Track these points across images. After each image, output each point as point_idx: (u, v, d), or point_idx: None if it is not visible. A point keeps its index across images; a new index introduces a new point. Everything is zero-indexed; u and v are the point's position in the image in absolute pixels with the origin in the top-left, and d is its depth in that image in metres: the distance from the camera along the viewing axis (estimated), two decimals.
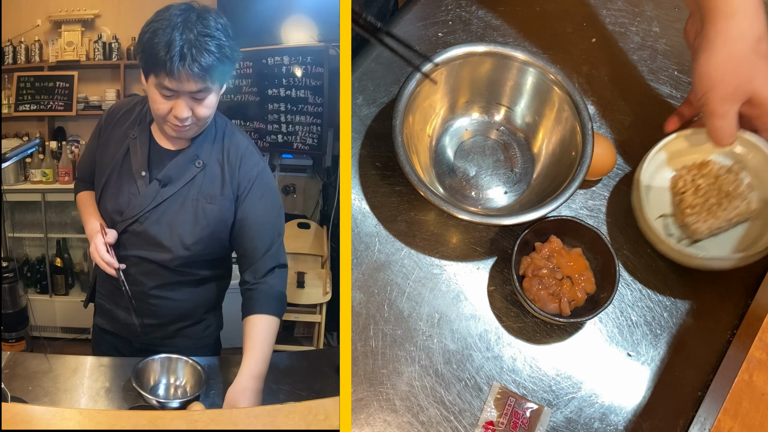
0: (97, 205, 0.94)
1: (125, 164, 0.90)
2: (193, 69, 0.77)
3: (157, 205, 0.88)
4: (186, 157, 0.89)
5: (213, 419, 0.80)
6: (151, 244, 0.90)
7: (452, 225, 0.97)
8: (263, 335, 0.88)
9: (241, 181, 0.89)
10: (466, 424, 0.86)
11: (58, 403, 0.85)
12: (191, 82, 0.78)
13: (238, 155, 0.90)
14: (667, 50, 1.08)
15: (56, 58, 1.75)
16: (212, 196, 0.88)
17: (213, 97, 0.83)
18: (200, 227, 0.89)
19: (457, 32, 1.08)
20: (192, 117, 0.82)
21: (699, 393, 0.87)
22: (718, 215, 0.88)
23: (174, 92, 0.80)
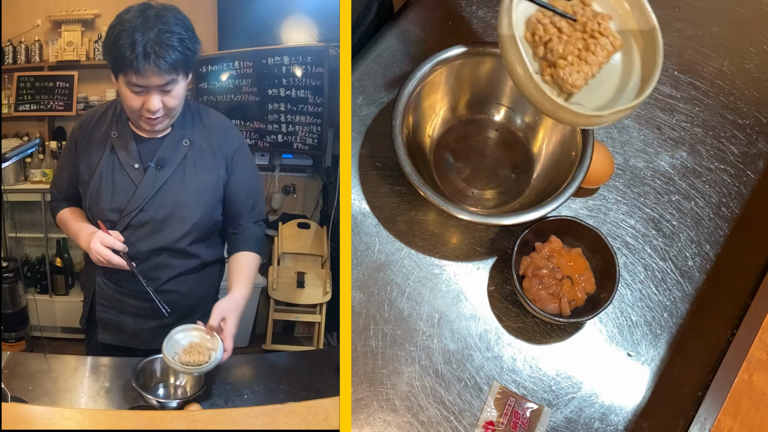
0: (89, 212, 0.94)
1: (113, 162, 0.92)
2: (159, 65, 0.82)
3: (159, 189, 0.91)
4: (173, 139, 0.93)
5: (213, 419, 0.80)
6: (160, 228, 0.92)
7: (452, 225, 0.97)
8: (248, 268, 0.96)
9: (227, 151, 0.95)
10: (466, 424, 0.86)
11: (58, 403, 0.85)
12: (158, 77, 0.83)
13: (219, 128, 0.96)
14: (667, 50, 1.07)
15: (56, 58, 1.75)
16: (207, 167, 0.94)
17: (180, 87, 0.88)
18: (204, 200, 0.94)
19: (457, 32, 1.08)
20: (163, 108, 0.87)
21: (699, 393, 0.87)
22: (590, 60, 0.76)
23: (143, 88, 0.84)
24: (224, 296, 0.93)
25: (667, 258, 0.95)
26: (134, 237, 0.92)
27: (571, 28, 0.76)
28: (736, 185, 0.99)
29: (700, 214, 0.98)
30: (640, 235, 0.96)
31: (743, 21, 1.10)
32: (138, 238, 0.92)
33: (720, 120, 1.03)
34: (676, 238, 0.96)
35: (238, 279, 0.95)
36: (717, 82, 1.06)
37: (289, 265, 1.47)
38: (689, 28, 1.09)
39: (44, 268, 1.69)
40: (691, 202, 0.98)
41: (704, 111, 1.04)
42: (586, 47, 0.76)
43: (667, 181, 0.99)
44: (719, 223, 0.97)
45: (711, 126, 1.03)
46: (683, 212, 0.98)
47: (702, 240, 0.96)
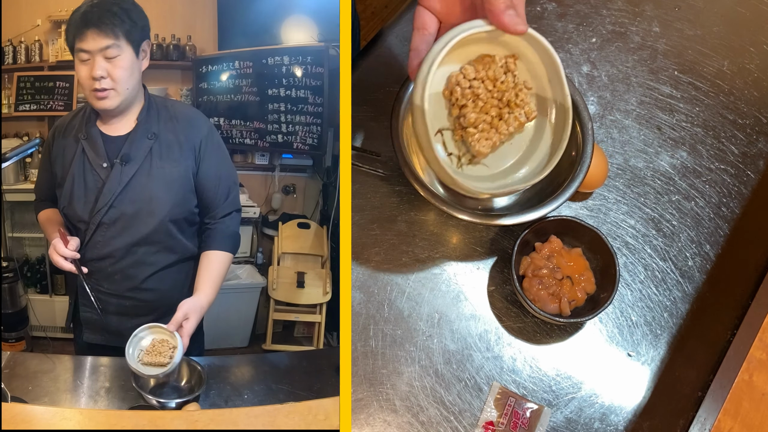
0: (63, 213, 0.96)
1: (84, 164, 0.94)
2: (99, 26, 0.87)
3: (126, 184, 0.93)
4: (137, 134, 0.94)
5: (213, 419, 0.80)
6: (132, 223, 0.94)
7: (452, 225, 0.96)
8: (217, 270, 0.97)
9: (195, 141, 0.96)
10: (466, 424, 0.86)
11: (58, 403, 0.85)
12: (99, 39, 0.88)
13: (185, 118, 0.98)
14: (667, 50, 1.08)
15: (56, 58, 1.75)
16: (174, 159, 0.95)
17: (126, 57, 0.90)
18: (173, 192, 0.95)
19: None
20: (109, 79, 0.90)
21: (699, 393, 0.87)
22: (501, 129, 0.77)
23: (87, 53, 0.89)
24: None
25: (667, 258, 0.95)
26: (108, 234, 0.94)
27: (489, 94, 0.76)
28: (736, 185, 0.99)
29: (700, 214, 0.98)
30: (640, 235, 0.96)
31: (743, 21, 1.10)
32: (111, 236, 0.94)
33: (720, 120, 1.03)
34: (676, 238, 0.96)
35: (205, 282, 0.95)
36: (717, 82, 1.06)
37: (289, 265, 1.47)
38: (689, 28, 1.09)
39: (44, 268, 1.69)
40: (691, 202, 0.98)
41: (704, 111, 1.04)
42: (500, 116, 0.77)
43: (667, 181, 0.99)
44: (719, 223, 0.97)
45: (711, 126, 1.03)
46: (683, 212, 0.98)
47: (702, 240, 0.96)
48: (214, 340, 1.17)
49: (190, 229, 0.99)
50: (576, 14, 1.10)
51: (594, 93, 1.05)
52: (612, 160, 1.00)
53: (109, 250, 0.94)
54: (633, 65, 1.07)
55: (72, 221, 0.95)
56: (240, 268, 1.51)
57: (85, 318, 0.98)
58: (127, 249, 0.94)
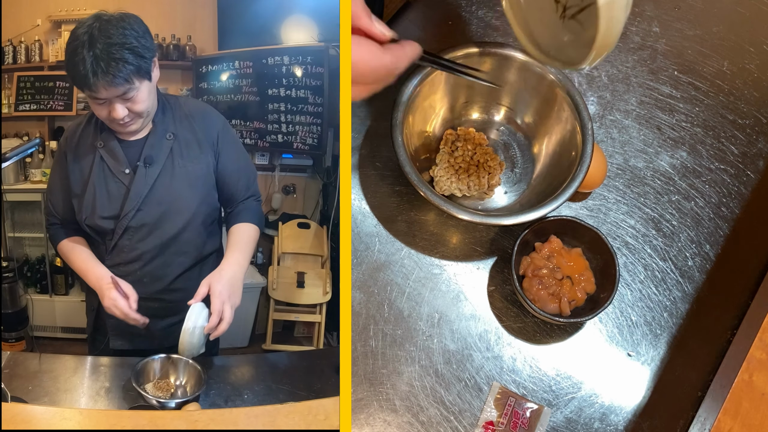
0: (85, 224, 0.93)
1: (104, 171, 0.93)
2: (108, 80, 0.82)
3: (152, 186, 0.92)
4: (156, 136, 0.93)
5: (213, 419, 0.80)
6: (159, 224, 0.92)
7: (452, 225, 0.97)
8: (243, 237, 0.96)
9: (211, 136, 0.95)
10: (466, 424, 0.86)
11: (58, 403, 0.85)
12: (112, 90, 0.83)
13: (200, 114, 0.96)
14: (667, 50, 1.08)
15: (56, 58, 1.75)
16: (194, 157, 0.94)
17: (143, 91, 0.87)
18: (197, 189, 0.94)
19: (457, 32, 1.08)
20: (129, 114, 0.87)
21: (699, 393, 0.87)
22: (461, 178, 0.93)
23: (104, 99, 0.85)
24: None
25: (667, 258, 0.95)
26: (135, 238, 0.92)
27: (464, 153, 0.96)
28: (736, 185, 0.99)
29: (700, 214, 0.98)
30: (640, 235, 0.96)
31: (743, 21, 1.10)
32: (139, 239, 0.92)
33: (720, 120, 1.03)
34: (676, 238, 0.96)
35: (229, 248, 0.94)
36: (717, 82, 1.06)
37: (289, 265, 1.47)
38: (689, 28, 1.09)
39: (44, 268, 1.69)
40: (691, 202, 0.98)
41: (704, 111, 1.04)
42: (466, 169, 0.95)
43: (667, 181, 0.99)
44: (719, 223, 0.97)
45: (711, 126, 1.03)
46: (683, 212, 0.98)
47: (702, 240, 0.96)
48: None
49: (213, 225, 0.98)
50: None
51: (594, 93, 1.05)
52: (612, 160, 1.00)
53: (137, 254, 0.93)
54: (633, 65, 1.07)
55: (95, 230, 0.94)
56: None
57: (112, 324, 0.96)
58: (155, 251, 0.93)
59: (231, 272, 0.91)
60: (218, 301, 0.88)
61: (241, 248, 0.95)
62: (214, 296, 0.88)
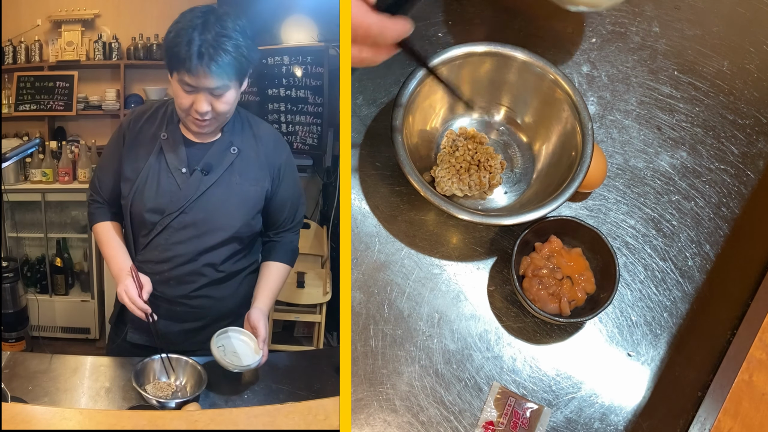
0: (129, 210, 0.93)
1: (161, 164, 0.92)
2: (210, 67, 0.82)
3: (202, 193, 0.91)
4: (221, 145, 0.93)
5: (213, 419, 0.80)
6: (199, 232, 0.92)
7: (452, 225, 0.97)
8: (276, 278, 0.99)
9: (275, 164, 0.95)
10: (466, 424, 0.86)
11: (58, 403, 0.85)
12: (209, 79, 0.83)
13: (269, 140, 0.96)
14: (667, 50, 1.08)
15: (56, 58, 1.75)
16: (252, 178, 0.94)
17: (232, 93, 0.87)
18: (246, 209, 0.94)
19: (457, 32, 1.08)
20: (212, 112, 0.87)
21: (699, 393, 0.87)
22: (462, 178, 0.93)
23: (194, 88, 0.84)
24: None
25: (667, 258, 0.95)
26: (172, 239, 0.92)
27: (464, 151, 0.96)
28: (736, 185, 0.99)
29: (700, 214, 0.98)
30: (640, 235, 0.96)
31: (743, 21, 1.10)
32: (176, 241, 0.92)
33: (720, 120, 1.03)
34: (676, 238, 0.96)
35: (264, 290, 0.97)
36: (717, 82, 1.06)
37: None
38: (689, 28, 1.09)
39: (44, 268, 1.69)
40: (691, 202, 0.98)
41: (704, 111, 1.04)
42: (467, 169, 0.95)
43: (667, 181, 0.99)
44: (719, 223, 0.97)
45: (711, 126, 1.03)
46: (683, 212, 0.98)
47: (702, 240, 0.96)
48: None
49: (246, 248, 0.98)
50: (576, 14, 1.10)
51: (594, 93, 1.05)
52: (612, 160, 1.00)
53: (171, 255, 0.92)
54: (633, 65, 1.07)
55: (136, 218, 0.93)
56: None
57: (133, 318, 0.96)
58: (188, 257, 0.93)
59: (265, 310, 0.96)
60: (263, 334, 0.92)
61: (272, 290, 0.98)
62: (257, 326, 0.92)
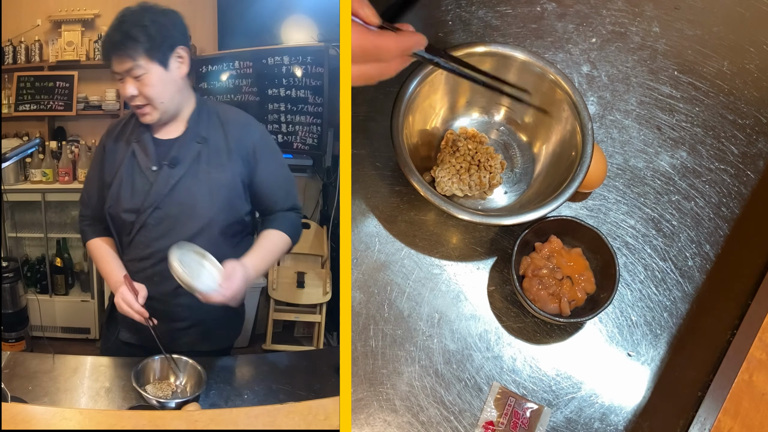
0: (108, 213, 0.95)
1: (134, 166, 0.94)
2: (116, 53, 0.88)
3: (173, 186, 0.93)
4: (187, 137, 0.94)
5: (213, 419, 0.80)
6: (175, 225, 0.93)
7: (452, 225, 0.97)
8: (273, 244, 0.95)
9: (246, 146, 0.95)
10: (466, 424, 0.86)
11: (58, 403, 0.85)
12: (121, 63, 0.89)
13: (237, 124, 0.97)
14: (667, 50, 1.08)
15: (56, 58, 1.75)
16: (220, 164, 0.94)
17: (153, 75, 0.90)
18: (219, 197, 0.94)
19: (457, 32, 1.08)
20: (141, 96, 0.90)
21: (699, 393, 0.87)
22: (462, 178, 0.93)
23: (118, 74, 0.90)
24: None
25: (667, 258, 0.95)
26: (151, 236, 0.93)
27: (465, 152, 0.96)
28: (736, 185, 0.99)
29: (700, 214, 0.98)
30: (640, 235, 0.96)
31: (743, 21, 1.10)
32: (154, 237, 0.93)
33: (720, 120, 1.03)
34: (676, 238, 0.96)
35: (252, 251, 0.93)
36: (717, 82, 1.06)
37: (289, 265, 1.47)
38: (689, 28, 1.09)
39: (44, 268, 1.69)
40: (691, 202, 0.98)
41: (704, 111, 1.04)
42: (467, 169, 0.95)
43: (667, 181, 0.99)
44: (719, 223, 0.97)
45: (711, 126, 1.03)
46: (683, 212, 0.98)
47: (702, 240, 0.96)
48: None
49: (236, 237, 0.97)
50: (576, 14, 1.10)
51: (594, 93, 1.05)
52: (612, 160, 1.00)
53: (150, 252, 0.94)
54: (633, 65, 1.07)
55: (116, 221, 0.95)
56: None
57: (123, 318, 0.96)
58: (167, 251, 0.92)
59: (249, 266, 0.90)
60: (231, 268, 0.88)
61: (262, 252, 0.94)
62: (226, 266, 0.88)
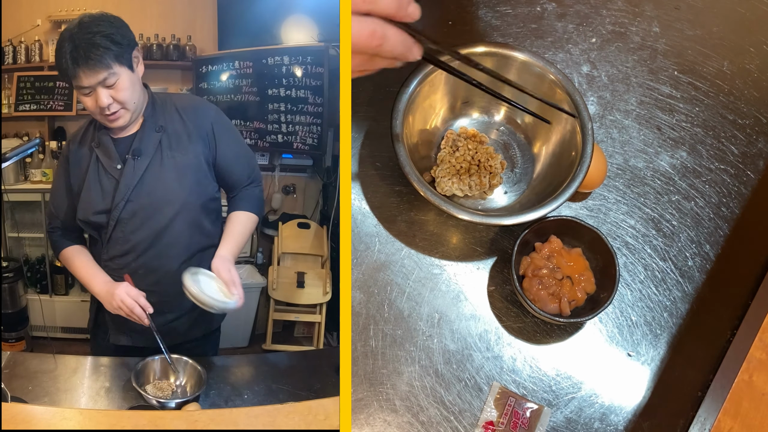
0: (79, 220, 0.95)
1: (98, 169, 0.95)
2: (88, 65, 0.86)
3: (141, 177, 0.93)
4: (145, 129, 0.95)
5: (213, 419, 0.80)
6: (150, 214, 0.94)
7: (452, 225, 0.97)
8: (243, 226, 1.00)
9: (204, 127, 0.97)
10: (466, 424, 0.86)
11: (58, 403, 0.85)
12: (92, 76, 0.87)
13: (190, 108, 0.99)
14: (667, 50, 1.08)
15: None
16: (183, 148, 0.95)
17: (124, 79, 0.90)
18: (187, 179, 0.96)
19: (457, 32, 1.08)
20: (115, 103, 0.90)
21: (699, 393, 0.87)
22: (462, 178, 0.93)
23: (87, 88, 0.88)
24: None
25: (667, 258, 0.95)
26: (128, 230, 0.94)
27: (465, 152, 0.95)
28: (736, 185, 0.99)
29: (700, 214, 0.98)
30: (640, 235, 0.96)
31: (743, 21, 1.10)
32: (131, 230, 0.94)
33: (720, 120, 1.03)
34: (676, 238, 0.96)
35: (226, 236, 0.97)
36: (717, 82, 1.06)
37: (289, 265, 1.47)
38: (689, 28, 1.09)
39: (44, 268, 1.69)
40: (691, 202, 0.98)
41: (704, 111, 1.04)
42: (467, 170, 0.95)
43: (667, 181, 0.99)
44: (719, 223, 0.97)
45: (711, 126, 1.03)
46: (683, 212, 0.98)
47: (702, 240, 0.96)
48: None
49: (212, 214, 1.00)
50: (576, 14, 1.10)
51: (594, 93, 1.05)
52: (612, 160, 1.00)
53: (130, 246, 0.94)
54: (633, 65, 1.07)
55: (90, 226, 0.96)
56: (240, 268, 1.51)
57: (113, 319, 0.97)
58: (148, 242, 0.95)
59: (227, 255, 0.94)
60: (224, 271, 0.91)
61: (235, 237, 0.97)
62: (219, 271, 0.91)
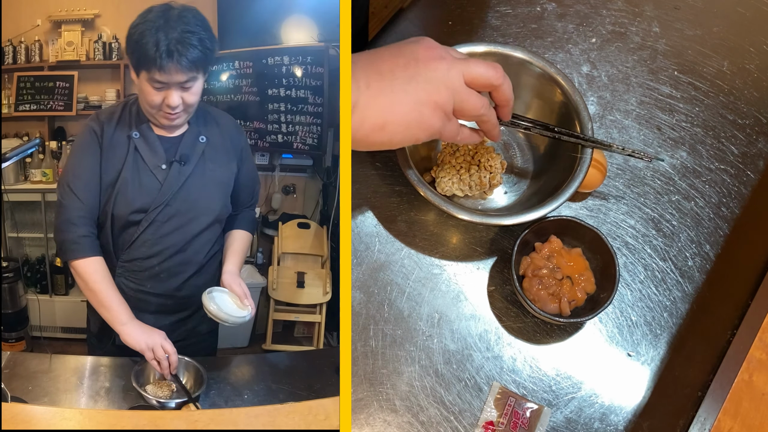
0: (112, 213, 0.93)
1: (138, 164, 0.93)
2: (181, 62, 0.86)
3: (183, 184, 0.95)
4: (191, 136, 0.96)
5: (213, 419, 0.80)
6: (185, 221, 0.95)
7: (452, 225, 0.97)
8: (243, 243, 1.05)
9: (238, 148, 1.02)
10: (466, 424, 0.86)
11: (58, 403, 0.85)
12: (180, 74, 0.87)
13: (230, 126, 1.03)
14: (667, 50, 1.08)
15: (56, 58, 1.75)
16: (222, 163, 0.99)
17: (199, 84, 0.91)
18: (222, 193, 0.99)
19: (457, 32, 1.08)
20: (182, 104, 0.91)
21: (699, 393, 0.87)
22: (462, 178, 0.93)
23: (164, 84, 0.88)
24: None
25: (667, 258, 0.95)
26: (159, 232, 0.94)
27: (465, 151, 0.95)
28: (736, 185, 0.99)
29: (700, 214, 0.98)
30: (640, 235, 0.96)
31: (743, 21, 1.10)
32: (163, 234, 0.94)
33: (720, 120, 1.03)
34: (676, 238, 0.96)
35: (232, 254, 1.01)
36: (717, 82, 1.06)
37: (289, 265, 1.47)
38: (689, 28, 1.09)
39: (44, 268, 1.69)
40: (691, 202, 0.98)
41: (704, 111, 1.04)
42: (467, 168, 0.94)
43: (667, 181, 0.99)
44: (719, 223, 0.97)
45: (711, 126, 1.03)
46: (683, 212, 0.98)
47: (702, 240, 0.96)
48: None
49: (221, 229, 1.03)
50: (576, 14, 1.10)
51: (594, 93, 1.05)
52: (612, 160, 1.00)
53: (160, 248, 0.94)
54: (633, 65, 1.07)
55: (119, 221, 0.93)
56: None
57: None
58: (178, 247, 0.96)
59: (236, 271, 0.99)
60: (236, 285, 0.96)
61: (239, 253, 1.02)
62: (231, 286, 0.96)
